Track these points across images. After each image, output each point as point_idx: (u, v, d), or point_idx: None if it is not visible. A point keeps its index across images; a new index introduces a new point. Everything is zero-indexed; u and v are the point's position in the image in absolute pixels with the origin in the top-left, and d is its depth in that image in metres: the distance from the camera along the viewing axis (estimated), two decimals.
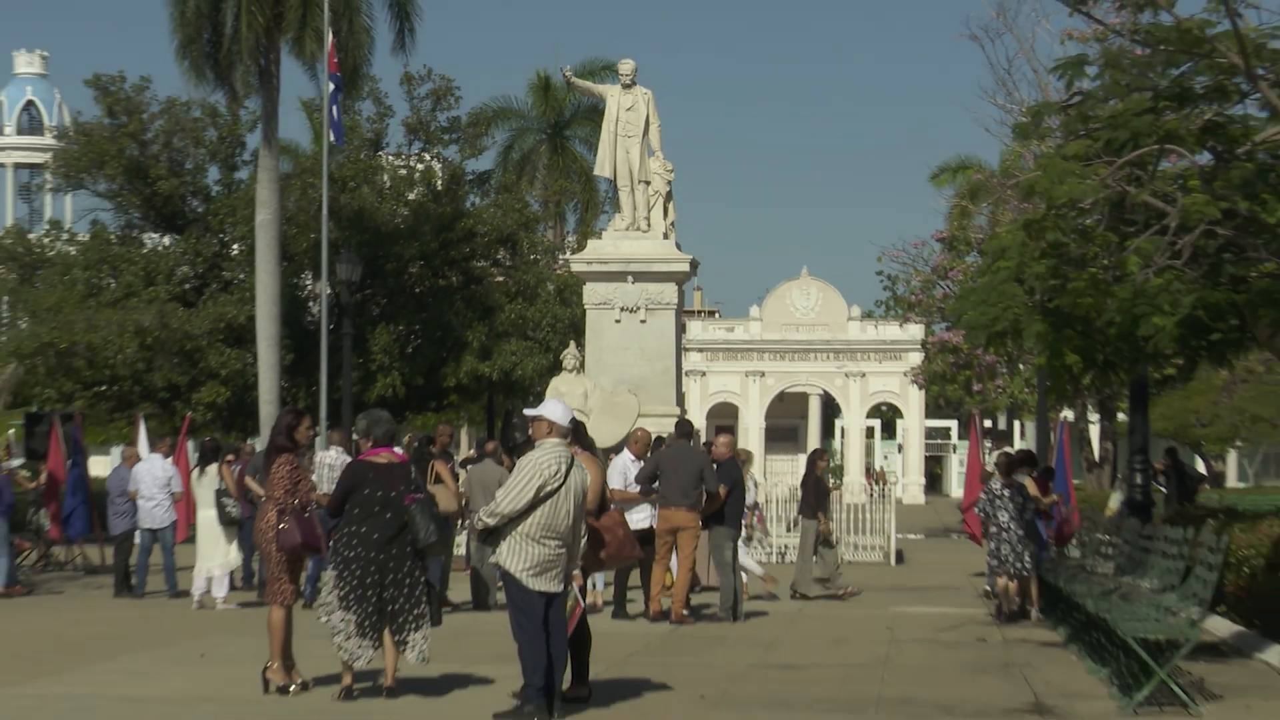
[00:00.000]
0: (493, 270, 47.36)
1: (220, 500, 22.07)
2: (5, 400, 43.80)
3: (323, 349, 36.19)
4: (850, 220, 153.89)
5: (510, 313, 45.14)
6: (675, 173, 30.98)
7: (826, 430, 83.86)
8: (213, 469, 22.58)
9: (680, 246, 30.89)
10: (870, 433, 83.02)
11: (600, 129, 31.55)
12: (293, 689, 13.92)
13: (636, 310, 30.32)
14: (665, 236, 30.69)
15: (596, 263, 30.86)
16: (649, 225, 30.64)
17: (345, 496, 13.63)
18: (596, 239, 32.49)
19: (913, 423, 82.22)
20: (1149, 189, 15.36)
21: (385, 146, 48.20)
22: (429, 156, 48.02)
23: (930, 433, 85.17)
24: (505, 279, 46.90)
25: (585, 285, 31.34)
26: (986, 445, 42.90)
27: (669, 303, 30.57)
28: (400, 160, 47.86)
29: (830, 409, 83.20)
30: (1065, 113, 17.06)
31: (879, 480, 64.94)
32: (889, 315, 56.72)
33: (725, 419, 77.77)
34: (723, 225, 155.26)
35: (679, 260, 30.65)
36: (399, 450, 14.32)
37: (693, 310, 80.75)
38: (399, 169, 47.45)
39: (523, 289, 46.25)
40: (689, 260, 30.81)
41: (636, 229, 30.65)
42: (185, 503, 24.43)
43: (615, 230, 31.15)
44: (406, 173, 47.37)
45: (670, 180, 30.90)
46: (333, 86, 35.90)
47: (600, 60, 52.34)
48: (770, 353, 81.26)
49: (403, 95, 47.21)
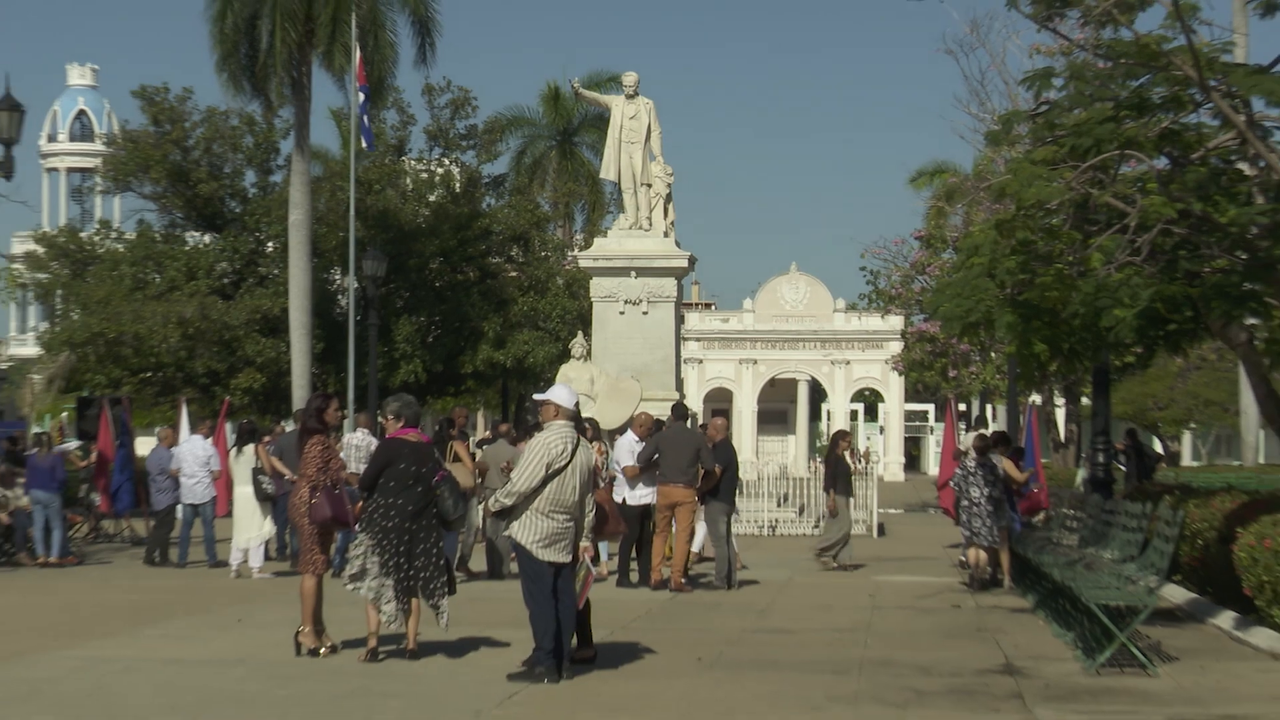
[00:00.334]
0: (507, 266, 47.40)
1: (256, 477, 22.04)
2: (59, 386, 43.79)
3: (350, 338, 36.27)
4: (836, 220, 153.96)
5: (523, 305, 45.20)
6: (675, 175, 31.02)
7: (814, 414, 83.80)
8: (249, 449, 22.55)
9: (679, 244, 30.89)
10: (854, 415, 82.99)
11: (606, 136, 31.56)
12: (323, 651, 13.91)
13: (639, 303, 30.31)
14: (665, 235, 30.67)
15: (602, 259, 30.85)
16: (651, 224, 30.62)
17: (381, 471, 13.61)
18: (602, 237, 32.47)
19: (893, 406, 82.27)
20: (1110, 191, 15.33)
21: (408, 152, 48.22)
22: (448, 161, 48.04)
23: (909, 415, 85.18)
24: (518, 274, 46.95)
25: (592, 280, 31.32)
26: (961, 427, 42.85)
27: (669, 296, 30.56)
28: (422, 165, 47.88)
29: (817, 394, 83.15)
30: (1034, 121, 17.01)
31: (864, 459, 64.82)
32: (871, 307, 56.61)
33: (720, 403, 77.81)
34: (719, 224, 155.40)
35: (678, 257, 30.63)
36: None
37: (691, 303, 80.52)
38: (420, 173, 47.46)
39: (534, 283, 46.30)
40: (687, 257, 30.79)
41: (639, 228, 30.62)
42: (224, 480, 24.47)
43: (619, 229, 31.14)
44: (427, 176, 47.39)
45: (670, 183, 30.89)
46: (363, 97, 35.93)
47: (606, 72, 52.25)
48: (762, 342, 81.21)
49: (424, 105, 47.41)
